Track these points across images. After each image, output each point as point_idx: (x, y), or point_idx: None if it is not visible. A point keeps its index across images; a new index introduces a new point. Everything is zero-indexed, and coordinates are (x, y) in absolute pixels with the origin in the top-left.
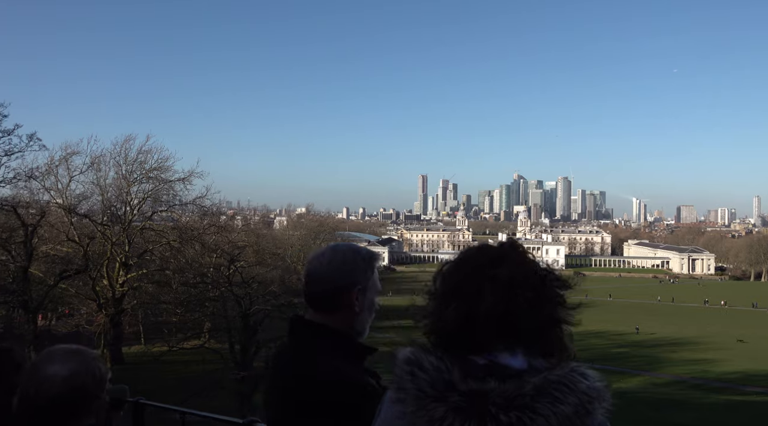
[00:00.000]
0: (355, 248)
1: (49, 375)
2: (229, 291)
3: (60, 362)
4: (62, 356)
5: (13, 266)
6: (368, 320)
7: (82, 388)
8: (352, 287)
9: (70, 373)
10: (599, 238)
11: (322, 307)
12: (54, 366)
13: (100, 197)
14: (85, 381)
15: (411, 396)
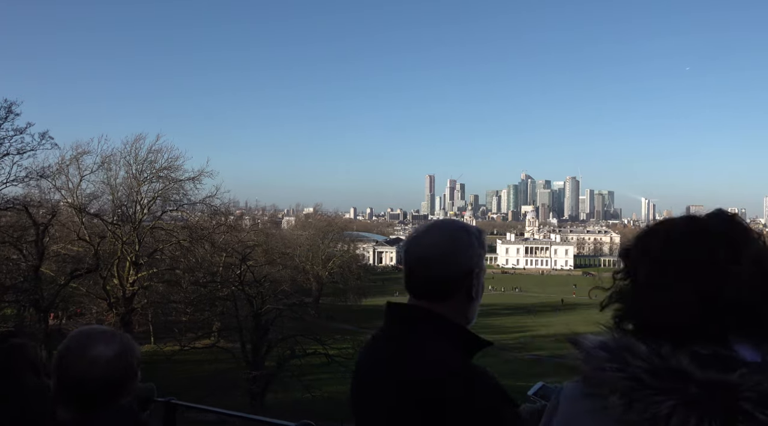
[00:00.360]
0: (465, 226)
1: (96, 356)
2: (241, 290)
3: (104, 343)
4: (104, 337)
5: (25, 265)
6: (478, 308)
7: (127, 368)
8: (471, 271)
9: (115, 353)
10: (608, 239)
11: (434, 294)
12: (99, 347)
13: (110, 196)
14: (130, 361)
15: (618, 388)
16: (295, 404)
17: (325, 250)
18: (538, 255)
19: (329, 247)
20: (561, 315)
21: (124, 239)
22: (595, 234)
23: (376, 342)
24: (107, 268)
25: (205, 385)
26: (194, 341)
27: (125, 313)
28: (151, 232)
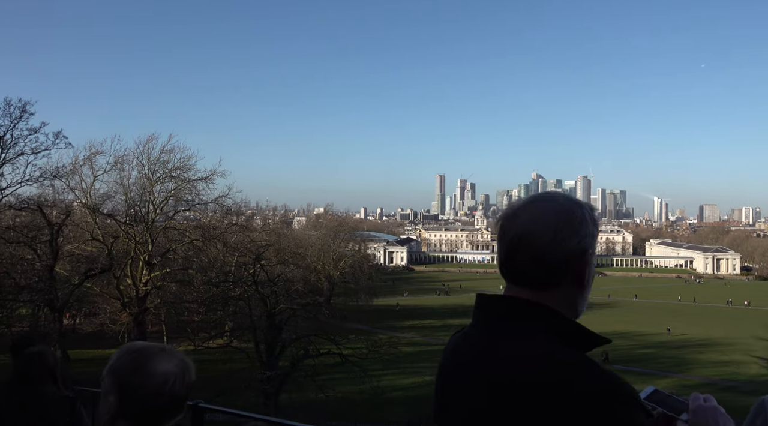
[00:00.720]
0: (575, 199)
1: (165, 374)
2: (255, 289)
3: (166, 359)
4: (162, 353)
5: (39, 265)
6: (588, 298)
7: (191, 385)
8: (584, 251)
9: (180, 370)
10: (620, 238)
11: (539, 280)
12: (163, 364)
13: (123, 197)
14: (192, 377)
15: None
16: (309, 404)
17: (336, 250)
18: None
19: (340, 247)
20: None
21: (137, 239)
22: (607, 233)
23: (468, 339)
24: (120, 268)
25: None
26: (208, 341)
27: (138, 312)
28: (164, 232)
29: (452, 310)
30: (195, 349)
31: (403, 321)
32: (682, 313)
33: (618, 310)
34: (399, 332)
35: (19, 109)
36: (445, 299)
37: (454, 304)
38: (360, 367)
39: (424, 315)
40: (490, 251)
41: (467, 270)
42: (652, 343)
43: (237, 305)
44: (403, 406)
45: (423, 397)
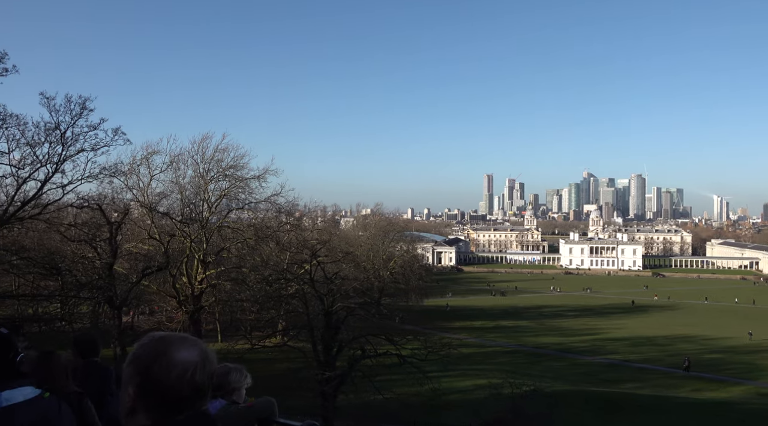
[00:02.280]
0: None
1: (186, 362)
2: (312, 287)
3: (187, 349)
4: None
5: (99, 263)
6: None
7: (213, 374)
8: None
9: (201, 359)
10: (678, 238)
11: None
12: (182, 353)
13: (178, 195)
14: (214, 366)
15: None
16: (366, 406)
17: (386, 250)
18: (603, 255)
19: (390, 247)
20: (633, 317)
21: (193, 238)
22: (664, 233)
23: None
24: (176, 266)
25: (275, 384)
26: (264, 340)
27: (194, 310)
28: (218, 231)
29: (504, 311)
30: (252, 348)
31: (454, 322)
32: (751, 316)
33: (681, 312)
34: (450, 333)
35: (79, 106)
36: (496, 300)
37: (505, 305)
38: (418, 369)
39: (475, 316)
40: (541, 251)
41: (517, 271)
42: (720, 348)
43: (291, 304)
44: (462, 409)
45: (482, 400)
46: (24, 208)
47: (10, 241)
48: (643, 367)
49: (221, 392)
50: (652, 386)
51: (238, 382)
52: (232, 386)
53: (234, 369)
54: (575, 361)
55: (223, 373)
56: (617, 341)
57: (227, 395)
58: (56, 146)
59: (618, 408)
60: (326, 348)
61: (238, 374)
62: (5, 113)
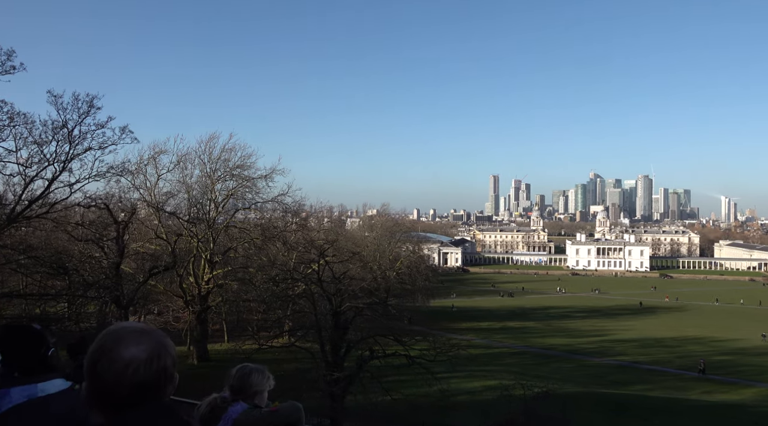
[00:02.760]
0: None
1: (129, 358)
2: (319, 287)
3: (135, 344)
4: (133, 336)
5: (106, 262)
6: None
7: (164, 370)
8: None
9: (149, 355)
10: (686, 239)
11: None
12: (130, 349)
13: (185, 195)
14: (166, 362)
15: None
16: (373, 407)
17: (392, 250)
18: (610, 256)
19: (396, 247)
20: (641, 318)
21: (200, 237)
22: (671, 234)
23: None
24: (183, 266)
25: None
26: (271, 340)
27: (201, 310)
28: (226, 231)
29: (511, 312)
30: (259, 348)
31: (461, 322)
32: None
33: (689, 313)
34: (457, 334)
35: (87, 104)
36: (503, 301)
37: (512, 306)
38: (426, 369)
39: (481, 317)
40: (547, 252)
41: (524, 271)
42: (729, 350)
43: (298, 304)
44: (470, 410)
45: (491, 401)
46: (31, 207)
47: (17, 240)
48: (653, 369)
49: (242, 395)
50: (662, 388)
51: (260, 384)
52: (254, 389)
53: (255, 370)
54: (583, 362)
55: (243, 374)
56: (626, 343)
57: (248, 399)
58: (63, 145)
59: (629, 410)
60: (334, 348)
61: (260, 376)
62: (13, 112)
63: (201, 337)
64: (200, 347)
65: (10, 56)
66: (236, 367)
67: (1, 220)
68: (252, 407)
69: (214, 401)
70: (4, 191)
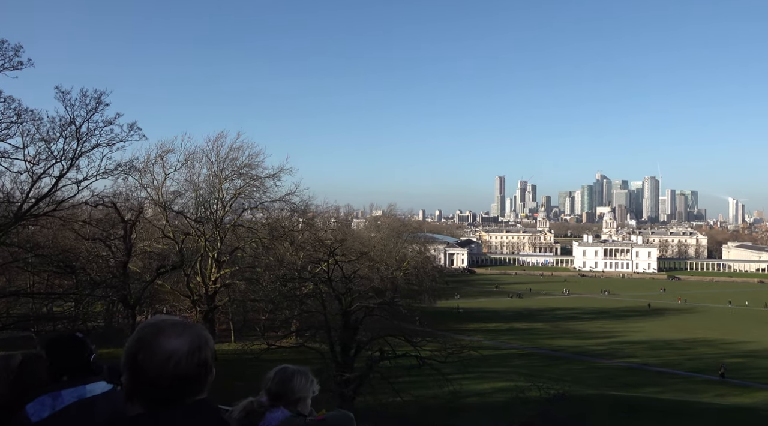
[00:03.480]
0: None
1: (170, 350)
2: (329, 287)
3: (176, 336)
4: (175, 328)
5: (113, 261)
6: None
7: (205, 363)
8: None
9: (190, 348)
10: (694, 240)
11: None
12: (171, 341)
13: (193, 194)
14: (207, 355)
15: None
16: (382, 408)
17: (399, 251)
18: (617, 257)
19: (403, 248)
20: (649, 320)
21: (207, 236)
22: (679, 236)
23: None
24: (191, 265)
25: None
26: (280, 340)
27: (208, 310)
28: (233, 230)
29: (518, 314)
30: (268, 348)
31: (468, 323)
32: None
33: (698, 316)
34: (464, 335)
35: (95, 100)
36: (510, 302)
37: (519, 307)
38: (437, 370)
39: (488, 318)
40: (554, 254)
41: (530, 273)
42: (741, 352)
43: (306, 304)
44: (479, 412)
45: (499, 403)
46: (38, 205)
47: (24, 239)
48: (663, 371)
49: (283, 401)
50: (673, 391)
51: (303, 390)
52: (297, 395)
53: (298, 373)
54: (593, 364)
55: (284, 378)
56: (635, 344)
57: (290, 405)
58: (71, 141)
59: (641, 413)
60: (344, 349)
61: (303, 380)
62: (20, 108)
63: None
64: None
65: (17, 52)
66: (275, 370)
67: (9, 218)
68: (295, 415)
69: (249, 405)
70: (12, 189)
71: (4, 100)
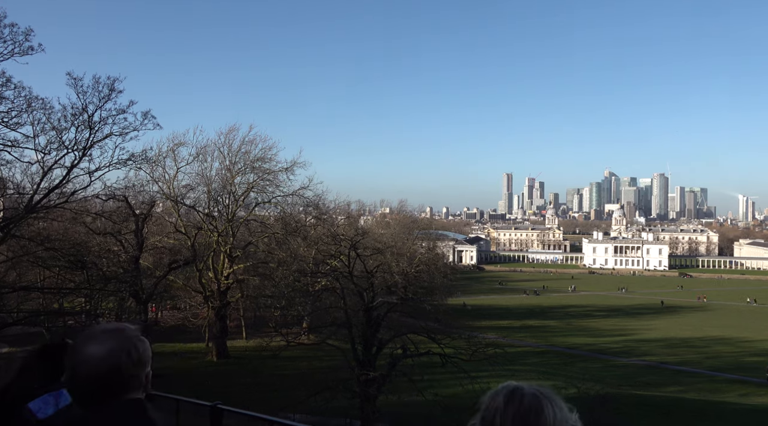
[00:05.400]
0: None
1: (87, 355)
2: (351, 281)
3: (99, 342)
4: (101, 336)
5: (125, 256)
6: None
7: (116, 367)
8: None
9: (105, 353)
10: (705, 238)
11: None
12: (92, 346)
13: (205, 188)
14: (119, 360)
15: None
16: (404, 406)
17: (410, 247)
18: (628, 254)
19: (414, 245)
20: (663, 318)
21: (220, 231)
22: (689, 233)
23: None
24: (203, 260)
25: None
26: (299, 337)
27: (220, 306)
28: (246, 225)
29: (529, 311)
30: (287, 345)
31: (480, 321)
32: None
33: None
34: (478, 332)
35: (108, 87)
36: (521, 299)
37: (531, 305)
38: (461, 369)
39: (500, 315)
40: (563, 251)
41: (540, 270)
42: (762, 350)
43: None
44: None
45: None
46: (49, 197)
47: (35, 232)
48: (682, 369)
49: None
50: (696, 390)
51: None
52: None
53: (546, 400)
54: (610, 362)
55: (528, 410)
56: (651, 342)
57: None
58: (83, 130)
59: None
60: (366, 346)
61: (556, 411)
62: (31, 96)
63: (220, 333)
64: (220, 344)
65: (27, 36)
66: (502, 393)
67: (20, 210)
68: None
69: None
70: (22, 180)
71: (15, 87)
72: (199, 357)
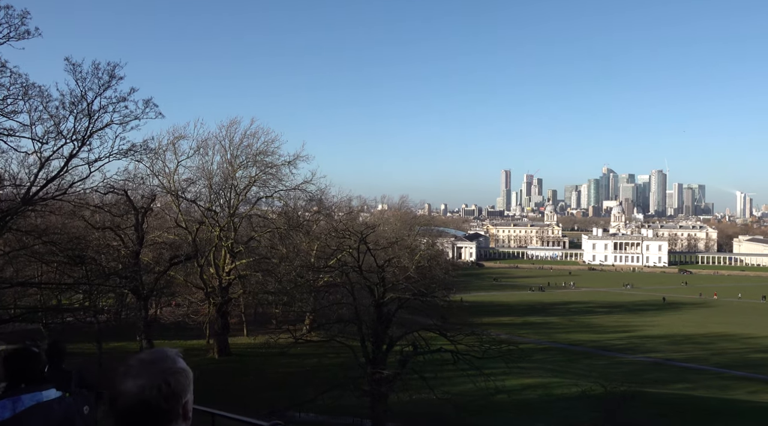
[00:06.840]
0: None
1: (121, 390)
2: (360, 276)
3: (132, 377)
4: (136, 368)
5: (124, 251)
6: None
7: (146, 403)
8: None
9: (137, 390)
10: (703, 234)
11: None
12: (127, 381)
13: (206, 182)
14: (150, 396)
15: None
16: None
17: (411, 243)
18: (627, 251)
19: (415, 241)
20: (666, 314)
21: (222, 226)
22: (688, 229)
23: None
24: (204, 255)
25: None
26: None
27: (222, 303)
28: (248, 219)
29: (530, 307)
30: (295, 342)
31: (482, 317)
32: None
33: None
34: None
35: (108, 74)
36: (521, 295)
37: (532, 301)
38: (473, 366)
39: (501, 312)
40: (562, 247)
41: (539, 266)
42: (765, 347)
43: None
44: (511, 413)
45: (529, 402)
46: (47, 188)
47: (32, 225)
48: (689, 366)
49: None
50: (705, 387)
51: None
52: None
53: None
54: (615, 359)
55: None
56: (655, 339)
57: None
58: (82, 119)
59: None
60: (376, 344)
61: None
62: (27, 83)
63: (222, 330)
64: (221, 341)
65: (23, 19)
66: None
67: (16, 203)
68: None
69: None
70: (19, 172)
71: (11, 73)
72: (200, 354)
